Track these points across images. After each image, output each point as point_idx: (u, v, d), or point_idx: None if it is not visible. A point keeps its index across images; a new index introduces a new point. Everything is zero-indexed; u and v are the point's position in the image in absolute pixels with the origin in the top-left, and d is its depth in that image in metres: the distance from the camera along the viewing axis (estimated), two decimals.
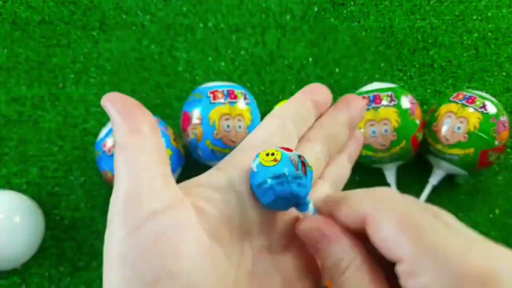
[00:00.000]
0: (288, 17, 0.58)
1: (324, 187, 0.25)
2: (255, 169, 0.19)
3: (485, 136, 0.45)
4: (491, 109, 0.46)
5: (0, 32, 0.56)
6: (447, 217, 0.18)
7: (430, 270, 0.15)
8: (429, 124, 0.48)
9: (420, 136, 0.47)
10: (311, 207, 0.20)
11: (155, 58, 0.56)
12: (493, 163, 0.47)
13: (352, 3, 0.59)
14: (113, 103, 0.19)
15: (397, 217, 0.17)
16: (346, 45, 0.57)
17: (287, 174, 0.19)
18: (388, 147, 0.46)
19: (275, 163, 0.19)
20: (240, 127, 0.45)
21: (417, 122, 0.46)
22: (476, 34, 0.58)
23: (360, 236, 0.19)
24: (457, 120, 0.46)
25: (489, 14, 0.59)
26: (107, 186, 0.51)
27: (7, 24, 0.57)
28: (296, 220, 0.22)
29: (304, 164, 0.20)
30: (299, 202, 0.20)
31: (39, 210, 0.49)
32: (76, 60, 0.56)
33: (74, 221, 0.50)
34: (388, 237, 0.16)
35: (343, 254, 0.18)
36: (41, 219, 0.48)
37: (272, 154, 0.19)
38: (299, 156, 0.20)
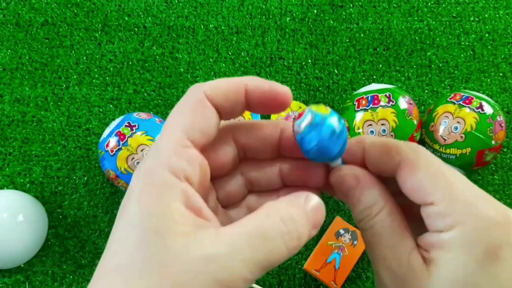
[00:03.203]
0: (288, 19, 0.59)
1: None
2: (310, 118, 0.20)
3: (481, 136, 0.45)
4: (488, 109, 0.46)
5: (4, 34, 0.57)
6: None
7: (460, 213, 0.18)
8: (427, 124, 0.49)
9: (417, 136, 0.48)
10: (340, 159, 0.22)
11: (157, 59, 0.57)
12: (489, 162, 0.48)
13: (350, 5, 0.60)
14: None
15: (432, 165, 0.19)
16: (344, 47, 0.58)
17: (339, 125, 0.20)
18: None
19: (328, 111, 0.20)
20: None
21: (415, 122, 0.47)
22: (473, 35, 0.59)
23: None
24: (454, 120, 0.46)
25: (486, 15, 0.59)
26: (110, 185, 0.51)
27: (11, 26, 0.57)
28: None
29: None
30: (342, 151, 0.21)
31: (43, 209, 0.49)
32: (79, 61, 0.56)
33: (77, 220, 0.50)
34: (423, 181, 0.19)
35: (376, 199, 0.20)
36: (44, 218, 0.48)
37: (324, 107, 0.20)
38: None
